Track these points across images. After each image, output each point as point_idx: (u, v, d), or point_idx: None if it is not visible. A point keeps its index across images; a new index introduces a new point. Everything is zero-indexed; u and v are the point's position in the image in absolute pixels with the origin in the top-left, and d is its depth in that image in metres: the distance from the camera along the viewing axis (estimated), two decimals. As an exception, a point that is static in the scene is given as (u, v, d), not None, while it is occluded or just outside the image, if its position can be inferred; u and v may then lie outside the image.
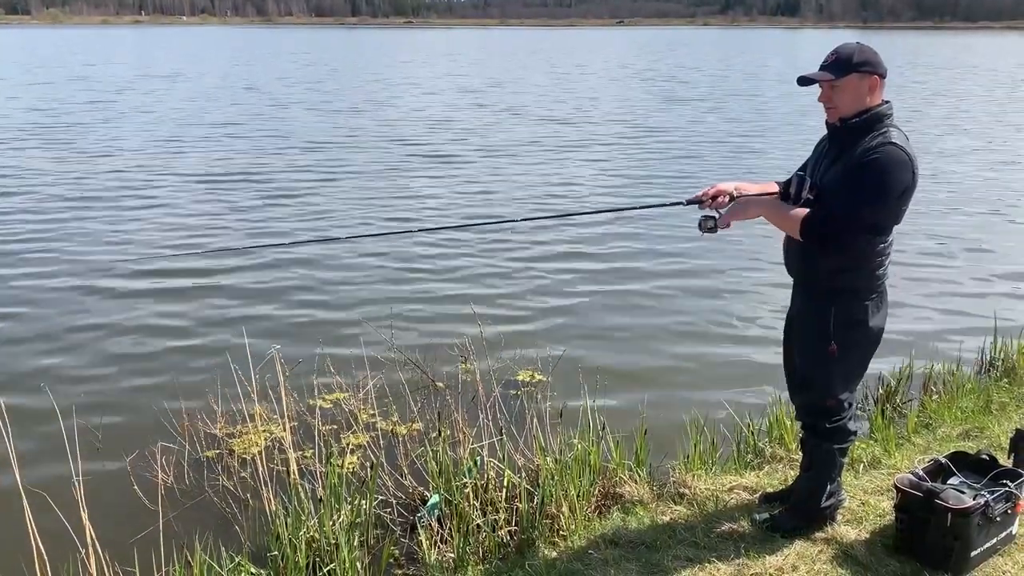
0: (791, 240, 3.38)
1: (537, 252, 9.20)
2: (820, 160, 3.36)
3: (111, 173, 13.45)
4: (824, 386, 3.40)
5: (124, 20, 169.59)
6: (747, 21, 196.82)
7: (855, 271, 3.24)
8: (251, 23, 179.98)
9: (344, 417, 5.16)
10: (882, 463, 4.31)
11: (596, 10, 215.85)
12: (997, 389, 5.26)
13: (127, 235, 9.76)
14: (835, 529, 3.64)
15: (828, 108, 3.23)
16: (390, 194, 12.23)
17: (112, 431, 5.14)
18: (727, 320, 7.18)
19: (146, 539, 3.84)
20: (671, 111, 23.21)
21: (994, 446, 4.35)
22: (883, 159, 3.07)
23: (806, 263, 3.34)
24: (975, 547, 3.36)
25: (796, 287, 3.55)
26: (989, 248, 9.53)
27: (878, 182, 3.09)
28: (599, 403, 4.77)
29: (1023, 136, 18.74)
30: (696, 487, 4.05)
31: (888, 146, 3.08)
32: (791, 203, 3.31)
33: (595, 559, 3.54)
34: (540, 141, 17.40)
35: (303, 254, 8.96)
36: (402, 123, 20.26)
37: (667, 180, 13.33)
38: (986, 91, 30.00)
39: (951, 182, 13.21)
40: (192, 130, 18.53)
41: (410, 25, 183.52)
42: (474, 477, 3.94)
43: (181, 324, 7.01)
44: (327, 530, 3.60)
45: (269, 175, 13.45)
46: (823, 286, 3.31)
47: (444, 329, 6.80)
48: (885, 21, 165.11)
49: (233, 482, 4.52)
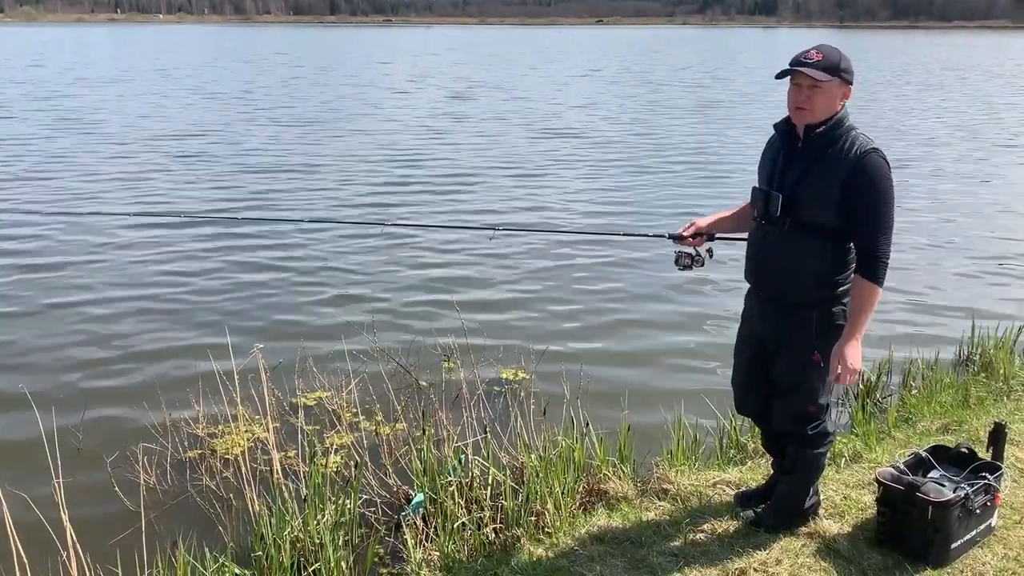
0: (767, 257, 3.34)
1: (520, 251, 9.20)
2: (781, 169, 3.27)
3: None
4: (808, 393, 3.39)
5: (99, 18, 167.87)
6: (725, 20, 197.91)
7: (836, 277, 3.22)
8: (229, 22, 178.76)
9: (327, 417, 5.14)
10: (863, 457, 4.35)
11: (576, 9, 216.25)
12: (975, 383, 5.32)
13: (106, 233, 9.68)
14: (818, 523, 3.67)
15: (800, 110, 3.14)
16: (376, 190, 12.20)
17: (93, 432, 5.08)
18: (709, 316, 7.21)
19: (128, 540, 3.81)
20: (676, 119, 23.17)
21: (973, 439, 4.40)
22: (877, 168, 3.07)
23: (784, 279, 3.28)
24: (955, 539, 3.40)
25: (764, 302, 3.44)
26: (965, 243, 9.64)
27: (887, 185, 3.09)
28: (583, 400, 4.78)
29: (1003, 130, 18.96)
30: (680, 483, 4.07)
31: (871, 154, 3.07)
32: (760, 219, 3.29)
33: (580, 556, 3.54)
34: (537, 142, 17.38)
35: (285, 254, 8.91)
36: (394, 120, 20.19)
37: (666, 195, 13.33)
38: (967, 85, 30.34)
39: (928, 175, 13.35)
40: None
41: (389, 24, 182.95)
42: (459, 475, 3.93)
43: (161, 324, 6.95)
44: (311, 530, 3.58)
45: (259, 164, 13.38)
46: (805, 298, 3.26)
47: (427, 328, 6.78)
48: (862, 20, 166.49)
49: (216, 482, 4.48)
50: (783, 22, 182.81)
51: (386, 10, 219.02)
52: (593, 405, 5.08)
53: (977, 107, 24.24)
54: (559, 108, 23.15)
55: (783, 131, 3.29)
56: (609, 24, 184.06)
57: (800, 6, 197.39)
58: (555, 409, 4.77)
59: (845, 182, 3.08)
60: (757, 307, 3.51)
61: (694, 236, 3.60)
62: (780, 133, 3.31)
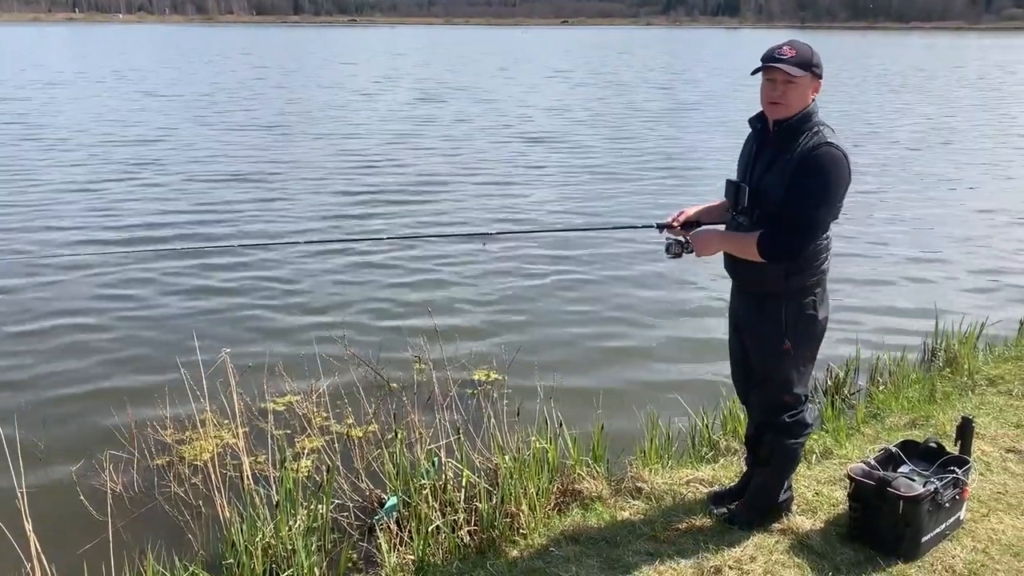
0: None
1: (491, 254, 9.17)
2: (751, 162, 3.35)
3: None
4: (782, 382, 3.44)
5: (57, 18, 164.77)
6: (689, 21, 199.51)
7: (803, 271, 3.28)
8: (191, 21, 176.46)
9: (298, 421, 5.08)
10: (834, 453, 4.39)
11: (540, 9, 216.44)
12: (941, 379, 5.41)
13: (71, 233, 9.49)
14: (791, 520, 3.70)
15: (774, 104, 3.20)
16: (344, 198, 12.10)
17: (56, 440, 4.97)
18: (681, 315, 7.25)
19: (95, 550, 3.73)
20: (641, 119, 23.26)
21: (940, 433, 4.46)
22: (824, 161, 3.11)
23: (752, 269, 3.32)
24: (926, 533, 3.45)
25: (739, 292, 3.56)
26: (928, 242, 9.79)
27: (824, 183, 3.13)
28: (556, 400, 4.77)
29: (972, 129, 19.29)
30: (653, 482, 4.08)
31: (824, 147, 3.12)
32: (732, 211, 3.39)
33: (556, 556, 3.54)
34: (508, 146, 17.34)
35: (251, 257, 8.80)
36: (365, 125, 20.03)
37: (638, 191, 13.37)
38: (936, 85, 30.88)
39: (895, 173, 13.56)
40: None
41: (354, 23, 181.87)
42: (432, 478, 3.90)
43: (125, 329, 6.82)
44: (283, 535, 3.53)
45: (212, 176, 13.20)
46: (772, 288, 3.33)
47: (398, 330, 6.74)
48: (822, 21, 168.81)
49: (185, 489, 4.41)
50: (745, 23, 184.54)
51: (350, 10, 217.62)
52: (567, 405, 5.07)
53: (940, 108, 24.66)
54: (529, 111, 23.10)
55: (756, 126, 3.36)
56: (574, 24, 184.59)
57: (762, 7, 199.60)
58: (528, 409, 4.76)
59: (794, 172, 3.15)
60: (736, 297, 3.59)
61: (683, 225, 3.62)
62: (753, 127, 3.37)
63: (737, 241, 3.33)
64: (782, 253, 3.20)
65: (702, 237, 3.42)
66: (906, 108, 24.04)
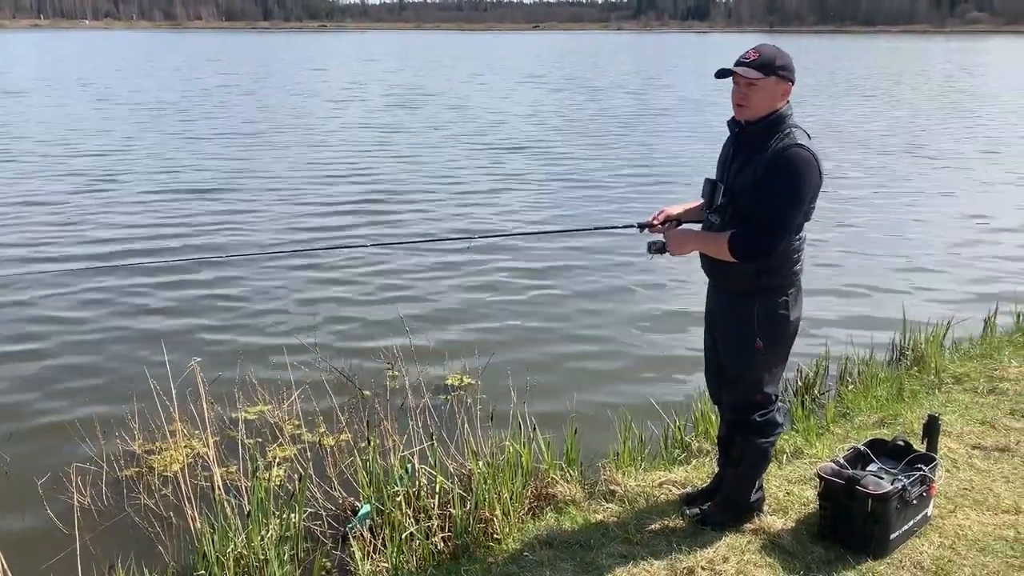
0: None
1: (461, 259, 9.15)
2: (728, 162, 3.42)
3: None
4: (753, 381, 3.48)
5: (21, 24, 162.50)
6: (659, 25, 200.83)
7: (775, 271, 3.32)
8: (159, 27, 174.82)
9: (269, 429, 5.04)
10: (804, 453, 4.44)
11: (511, 14, 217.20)
12: (908, 378, 5.48)
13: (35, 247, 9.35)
14: (762, 519, 3.73)
15: (739, 106, 3.27)
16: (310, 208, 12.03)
17: (21, 453, 4.90)
18: (653, 318, 7.29)
19: (62, 564, 3.68)
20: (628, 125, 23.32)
21: (908, 431, 4.53)
22: (793, 162, 3.16)
23: (727, 268, 3.36)
24: (894, 530, 3.49)
25: (713, 291, 3.61)
26: (895, 244, 9.93)
27: (793, 183, 3.18)
28: (529, 404, 4.77)
29: (942, 133, 19.57)
30: (626, 484, 4.10)
31: (794, 148, 3.17)
32: (706, 209, 3.44)
33: (530, 561, 3.54)
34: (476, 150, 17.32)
35: (222, 268, 8.71)
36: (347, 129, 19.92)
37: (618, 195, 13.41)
38: (902, 89, 31.31)
39: (864, 177, 13.73)
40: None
41: (324, 29, 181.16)
42: (406, 485, 3.89)
43: (94, 341, 6.72)
44: (255, 546, 3.50)
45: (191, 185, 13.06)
46: (745, 287, 3.37)
47: (370, 336, 6.72)
48: (791, 25, 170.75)
49: (155, 500, 4.36)
50: (715, 27, 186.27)
51: (321, 15, 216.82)
52: (540, 409, 5.08)
53: (908, 112, 25.00)
54: (503, 117, 23.08)
55: (733, 128, 3.41)
56: (545, 29, 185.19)
57: (732, 11, 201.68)
58: (502, 414, 4.76)
59: (764, 172, 3.20)
60: (711, 296, 3.63)
61: (664, 223, 3.66)
62: (731, 129, 3.42)
63: (710, 241, 3.37)
64: (753, 252, 3.24)
65: (677, 237, 3.48)
66: (874, 113, 24.33)
